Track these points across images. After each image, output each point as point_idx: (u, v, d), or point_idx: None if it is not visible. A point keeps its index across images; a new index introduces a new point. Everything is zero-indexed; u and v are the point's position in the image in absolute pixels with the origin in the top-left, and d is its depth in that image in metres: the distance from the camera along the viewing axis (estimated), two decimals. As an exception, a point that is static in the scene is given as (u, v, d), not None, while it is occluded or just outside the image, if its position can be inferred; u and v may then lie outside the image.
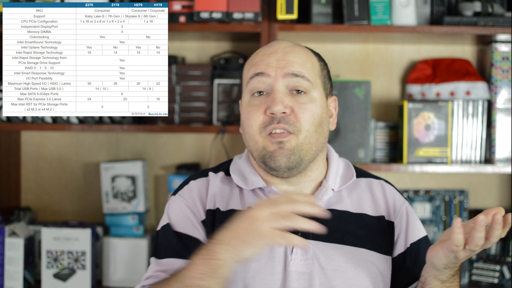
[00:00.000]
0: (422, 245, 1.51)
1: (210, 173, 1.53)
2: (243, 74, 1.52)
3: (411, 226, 1.52)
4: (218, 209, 1.47)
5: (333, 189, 1.49)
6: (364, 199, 1.51)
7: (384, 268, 1.47)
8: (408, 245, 1.50)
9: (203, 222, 1.47)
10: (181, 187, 1.53)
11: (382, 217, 1.49)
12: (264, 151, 1.42)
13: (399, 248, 1.50)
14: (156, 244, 1.48)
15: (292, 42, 1.52)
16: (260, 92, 1.44)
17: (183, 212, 1.47)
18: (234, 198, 1.49)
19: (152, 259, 1.48)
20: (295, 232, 1.40)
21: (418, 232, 1.53)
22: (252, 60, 1.48)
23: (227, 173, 1.53)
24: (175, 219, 1.47)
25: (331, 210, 1.46)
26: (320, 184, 1.50)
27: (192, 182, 1.53)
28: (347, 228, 1.46)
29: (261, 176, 1.49)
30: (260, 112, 1.42)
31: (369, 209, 1.49)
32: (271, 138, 1.41)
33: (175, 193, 1.53)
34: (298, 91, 1.43)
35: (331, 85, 1.54)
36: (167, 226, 1.47)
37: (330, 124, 1.52)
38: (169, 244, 1.45)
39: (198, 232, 1.45)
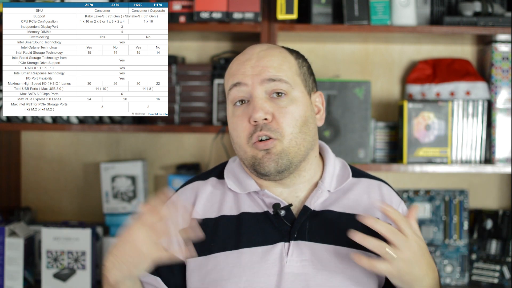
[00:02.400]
0: None
1: (199, 182, 1.54)
2: (224, 83, 1.52)
3: None
4: (207, 218, 1.48)
5: (329, 191, 1.48)
6: (360, 200, 1.50)
7: None
8: None
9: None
10: (173, 195, 1.55)
11: (377, 219, 1.48)
12: (253, 159, 1.42)
13: None
14: None
15: (267, 44, 1.51)
16: (242, 101, 1.44)
17: None
18: (227, 203, 1.49)
19: None
20: (290, 229, 1.42)
21: None
22: (229, 70, 1.48)
23: (220, 177, 1.54)
24: None
25: (327, 211, 1.46)
26: (316, 185, 1.49)
27: (181, 191, 1.55)
28: (343, 229, 1.44)
29: (255, 180, 1.49)
30: (244, 122, 1.42)
31: (365, 211, 1.48)
32: (257, 146, 1.41)
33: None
34: (278, 94, 1.42)
35: (314, 80, 1.53)
36: None
37: (318, 120, 1.51)
38: None
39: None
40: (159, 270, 1.48)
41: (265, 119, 1.40)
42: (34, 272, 2.30)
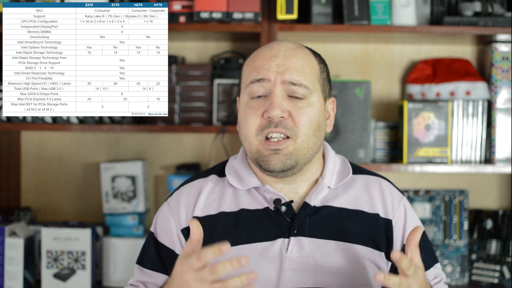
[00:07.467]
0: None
1: (200, 180, 1.54)
2: (242, 72, 1.51)
3: (408, 223, 1.52)
4: (207, 215, 1.48)
5: (329, 187, 1.49)
6: (361, 196, 1.51)
7: (381, 264, 1.47)
8: (405, 242, 1.49)
9: (186, 229, 1.48)
10: (173, 192, 1.57)
11: (377, 215, 1.49)
12: (257, 154, 1.43)
13: (398, 246, 1.50)
14: (142, 250, 1.56)
15: (294, 43, 1.51)
16: (259, 96, 1.45)
17: (166, 223, 1.52)
18: (226, 199, 1.50)
19: (137, 266, 1.54)
20: (290, 224, 1.43)
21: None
22: (253, 63, 1.48)
23: (221, 174, 1.55)
24: (158, 229, 1.53)
25: (327, 207, 1.47)
26: (316, 181, 1.50)
27: (182, 188, 1.55)
28: (343, 225, 1.46)
29: (257, 175, 1.50)
30: (257, 115, 1.43)
31: (365, 206, 1.49)
32: (266, 145, 1.42)
33: (167, 199, 1.57)
34: (296, 96, 1.44)
35: (330, 87, 1.55)
36: (152, 235, 1.54)
37: (327, 126, 1.52)
38: (151, 255, 1.52)
39: (173, 244, 1.50)
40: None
41: (281, 117, 1.41)
42: (34, 272, 2.30)
